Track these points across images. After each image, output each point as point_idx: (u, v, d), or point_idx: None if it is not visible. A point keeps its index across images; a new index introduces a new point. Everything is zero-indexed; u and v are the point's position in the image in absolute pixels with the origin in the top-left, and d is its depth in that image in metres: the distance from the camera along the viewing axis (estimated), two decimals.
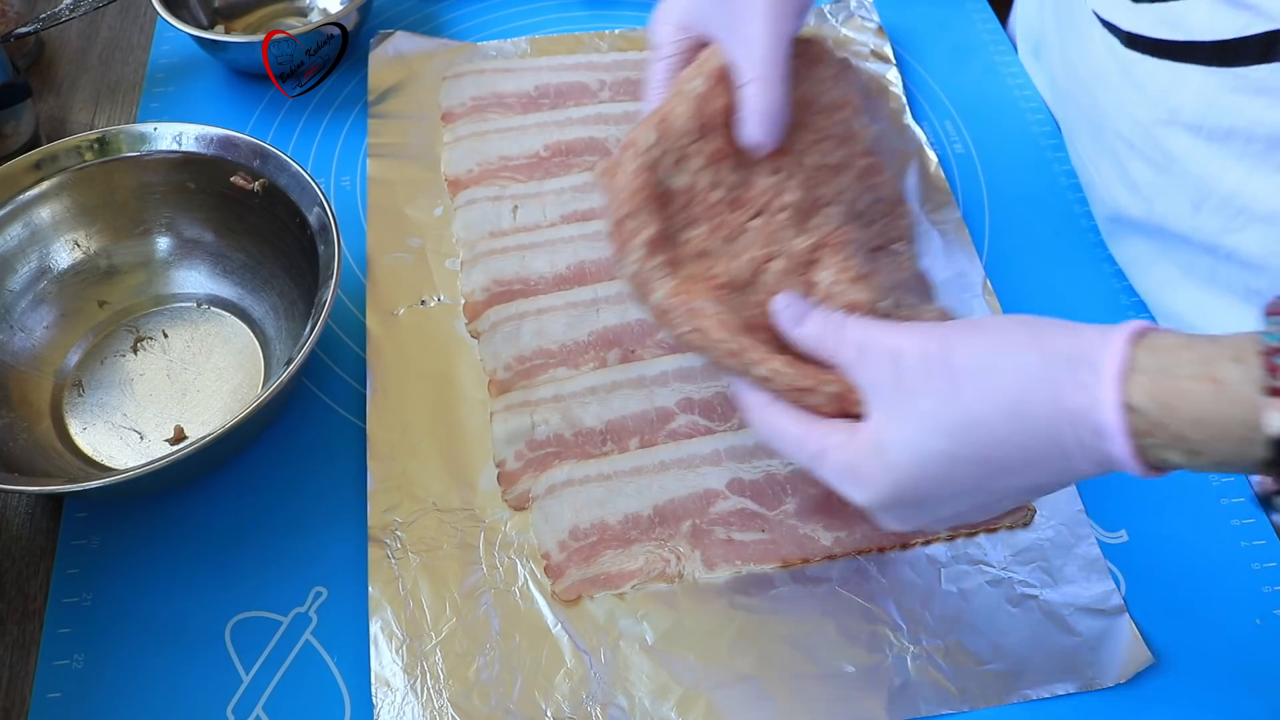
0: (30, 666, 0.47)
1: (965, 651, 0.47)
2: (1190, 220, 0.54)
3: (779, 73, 0.47)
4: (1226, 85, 0.50)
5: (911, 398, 0.38)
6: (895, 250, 0.50)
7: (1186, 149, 0.53)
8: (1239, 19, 0.49)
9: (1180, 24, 0.52)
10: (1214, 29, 0.50)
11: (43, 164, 0.56)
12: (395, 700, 0.45)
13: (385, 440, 0.53)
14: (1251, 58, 0.48)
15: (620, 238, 0.45)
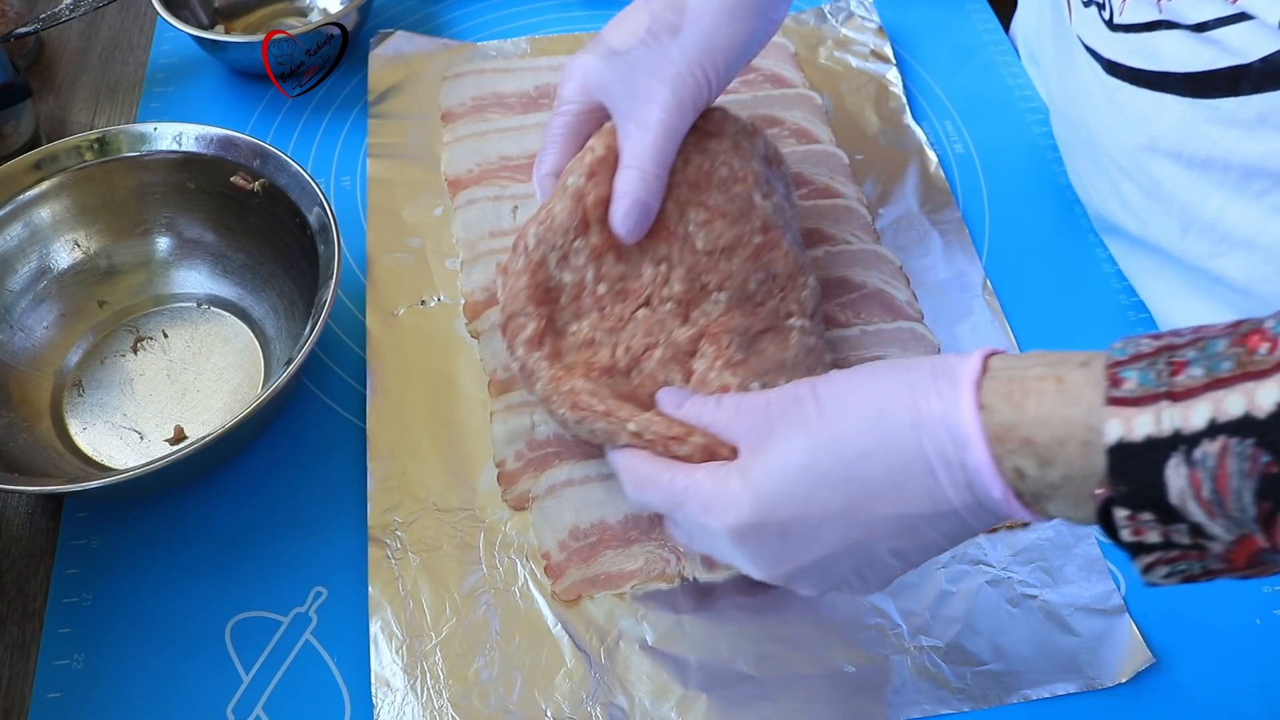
0: (30, 666, 0.47)
1: (965, 651, 0.47)
2: (1180, 243, 0.54)
3: (657, 169, 0.48)
4: (1201, 116, 0.50)
5: (778, 430, 0.39)
6: (787, 327, 0.51)
7: (1169, 175, 0.53)
8: (1207, 53, 0.49)
9: (1154, 55, 0.52)
10: (1184, 61, 0.50)
11: (43, 164, 0.56)
12: (395, 700, 0.45)
13: (385, 440, 0.53)
14: (1221, 90, 0.49)
15: (508, 334, 0.48)
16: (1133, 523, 0.33)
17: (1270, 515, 0.30)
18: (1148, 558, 0.34)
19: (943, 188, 0.65)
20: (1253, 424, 0.30)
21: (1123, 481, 0.32)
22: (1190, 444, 0.31)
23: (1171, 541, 0.33)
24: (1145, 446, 0.32)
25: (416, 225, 0.62)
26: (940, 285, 0.60)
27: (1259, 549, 0.32)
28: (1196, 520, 0.32)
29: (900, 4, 0.76)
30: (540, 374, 0.47)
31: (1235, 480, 0.30)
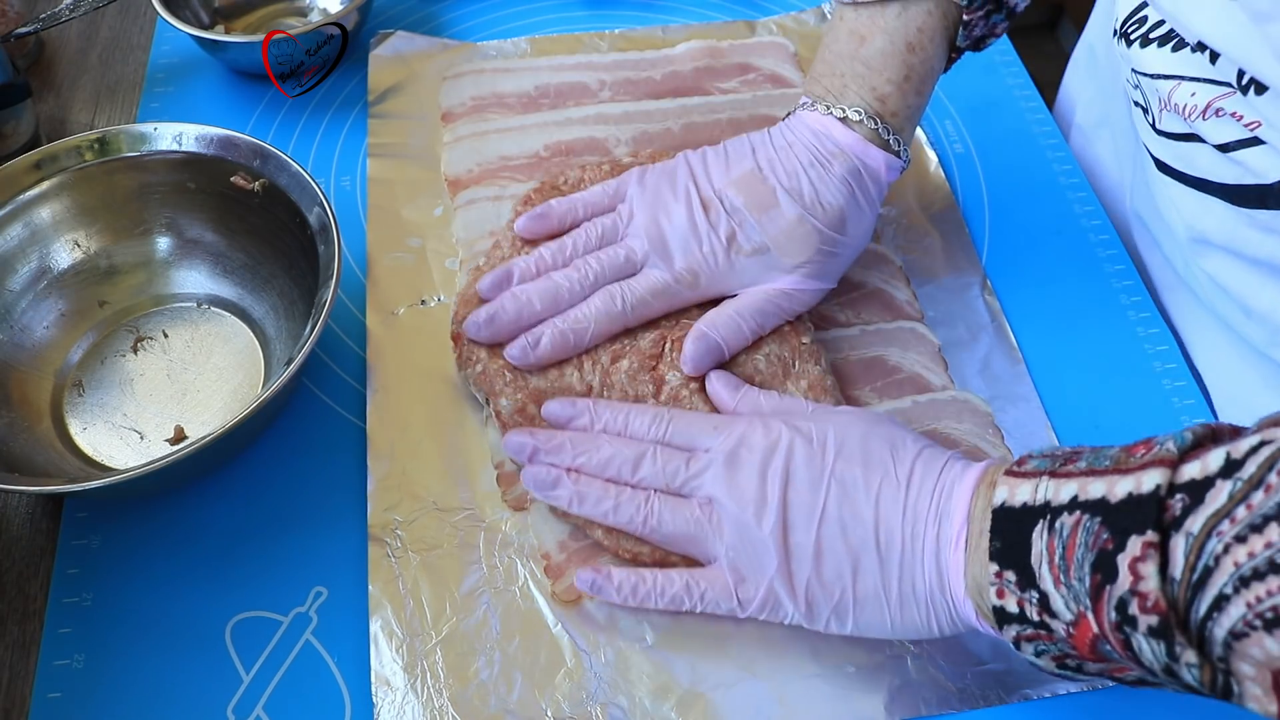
0: (30, 666, 0.47)
1: (965, 651, 0.47)
2: (1244, 325, 0.55)
3: (728, 344, 0.52)
4: (1243, 221, 0.51)
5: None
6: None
7: (1223, 268, 0.54)
8: (1233, 169, 0.50)
9: (1192, 162, 0.53)
10: (1217, 173, 0.51)
11: (43, 164, 0.56)
12: (395, 700, 0.45)
13: (385, 440, 0.53)
14: (1254, 202, 0.50)
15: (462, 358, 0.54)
16: (999, 580, 0.37)
17: (1098, 588, 0.34)
18: (1011, 630, 0.38)
19: (943, 188, 0.65)
20: (1105, 506, 0.34)
21: (999, 537, 0.38)
22: (1055, 515, 0.36)
23: (1025, 615, 0.37)
24: (1020, 510, 0.37)
25: (416, 225, 0.62)
26: (940, 285, 0.60)
27: (1094, 635, 0.35)
28: (1045, 589, 0.36)
29: None
30: (502, 393, 0.52)
31: (1080, 550, 0.34)
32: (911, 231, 0.63)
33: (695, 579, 0.45)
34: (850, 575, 0.42)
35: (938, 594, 0.41)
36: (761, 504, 0.44)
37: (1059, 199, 0.65)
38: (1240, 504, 0.31)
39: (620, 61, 0.71)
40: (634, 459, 0.47)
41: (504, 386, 0.51)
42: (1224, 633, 0.31)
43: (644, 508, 0.46)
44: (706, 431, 0.47)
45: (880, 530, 0.42)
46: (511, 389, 0.51)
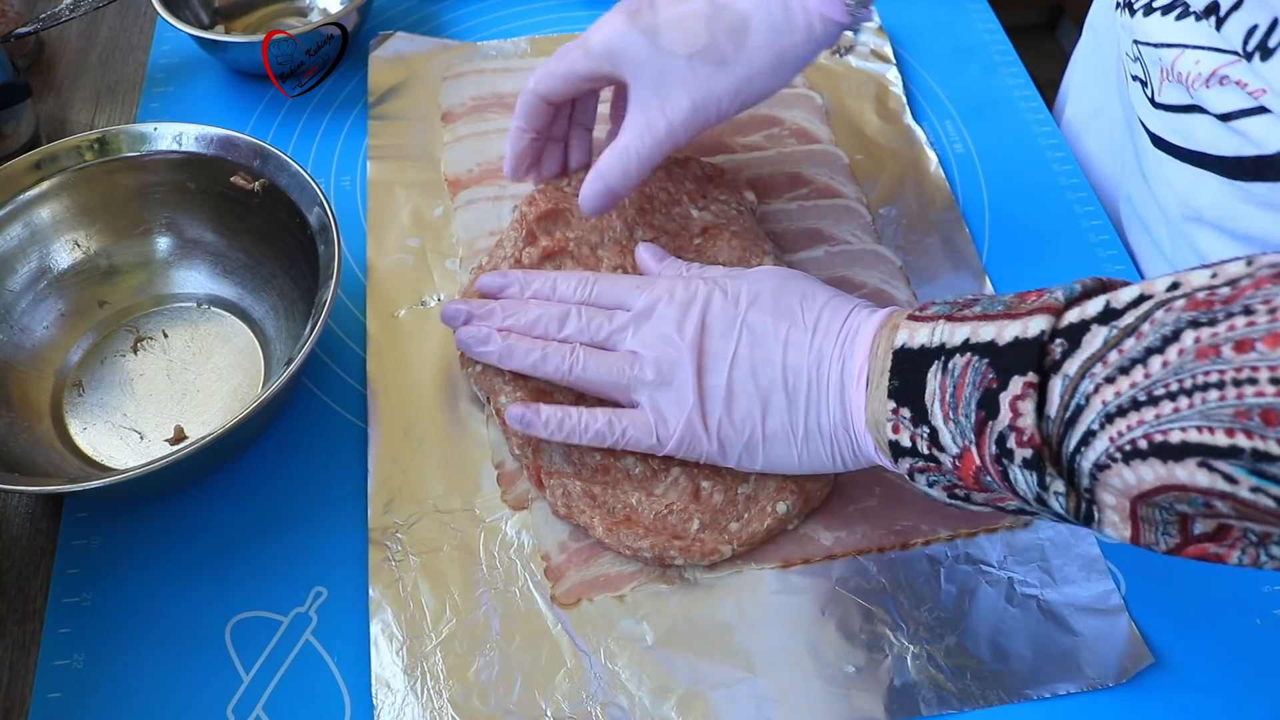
0: (30, 666, 0.47)
1: (965, 651, 0.47)
2: None
3: (639, 172, 0.52)
4: (1238, 195, 0.52)
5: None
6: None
7: (1214, 246, 0.54)
8: (1234, 140, 0.50)
9: (1191, 135, 0.53)
10: (1216, 145, 0.52)
11: (43, 164, 0.56)
12: (395, 701, 0.45)
13: (385, 440, 0.53)
14: (1251, 175, 0.50)
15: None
16: (895, 417, 0.40)
17: (982, 424, 0.37)
18: (905, 462, 0.41)
19: (943, 188, 0.65)
20: (993, 348, 0.37)
21: (897, 376, 0.40)
22: (948, 356, 0.38)
23: (916, 449, 0.40)
24: (918, 352, 0.40)
25: (416, 225, 0.62)
26: (940, 285, 0.60)
27: (977, 467, 0.38)
28: (935, 424, 0.39)
29: (900, 4, 0.76)
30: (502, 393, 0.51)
31: (968, 389, 0.37)
32: (911, 231, 0.63)
33: (618, 417, 0.48)
34: (760, 414, 0.45)
35: (840, 430, 0.44)
36: (679, 351, 0.47)
37: (1059, 199, 0.65)
38: (1113, 349, 0.34)
39: None
40: (560, 317, 0.49)
41: (504, 385, 0.51)
42: (1090, 465, 0.34)
43: (569, 358, 0.48)
44: (629, 291, 0.50)
45: (788, 372, 0.45)
46: (511, 387, 0.51)
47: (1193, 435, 0.31)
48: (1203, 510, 0.33)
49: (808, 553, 0.49)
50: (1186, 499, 0.33)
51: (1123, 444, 0.33)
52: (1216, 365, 0.31)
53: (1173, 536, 0.35)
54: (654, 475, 0.50)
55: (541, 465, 0.50)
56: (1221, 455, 0.31)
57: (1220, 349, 0.31)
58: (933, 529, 0.50)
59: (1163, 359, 0.32)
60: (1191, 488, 0.32)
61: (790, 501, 0.49)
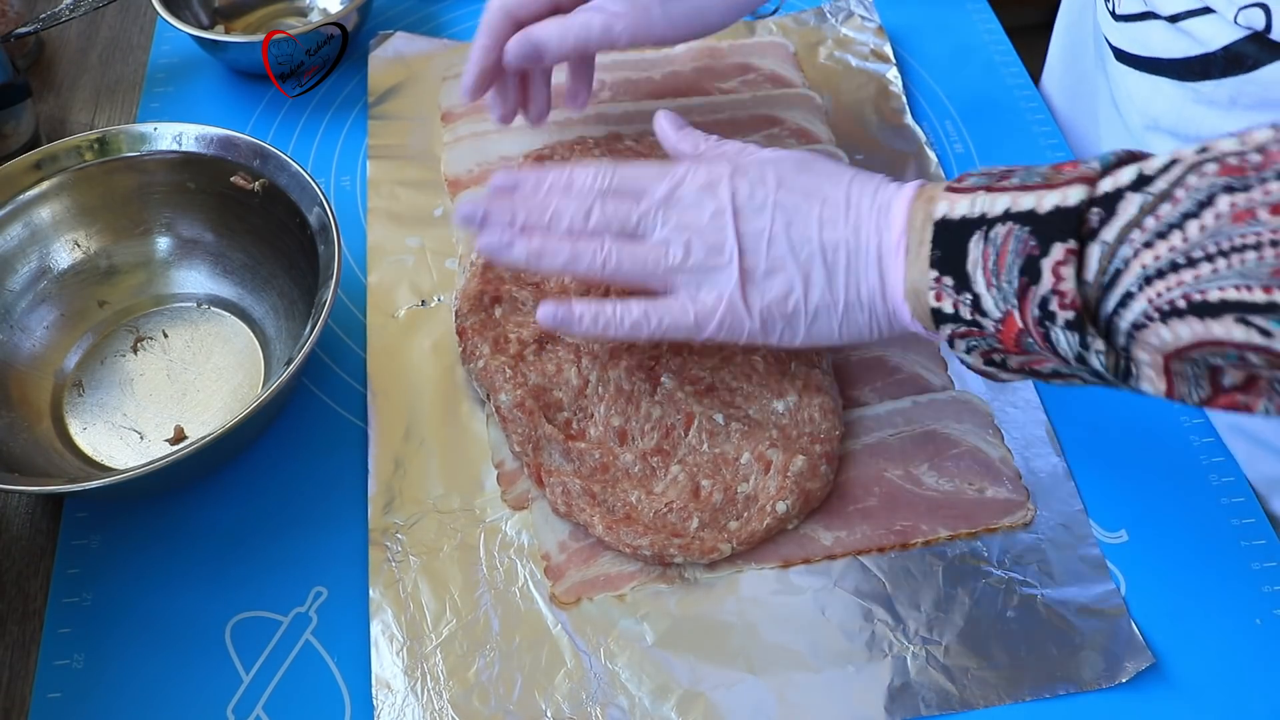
0: (30, 666, 0.47)
1: (965, 651, 0.47)
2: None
3: (582, 41, 0.54)
4: (1188, 98, 0.55)
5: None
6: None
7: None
8: (1182, 41, 0.53)
9: (1146, 42, 0.56)
10: (1167, 48, 0.55)
11: (43, 164, 0.56)
12: (396, 702, 0.45)
13: (385, 440, 0.53)
14: (1197, 74, 0.53)
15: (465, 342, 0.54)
16: (938, 285, 0.42)
17: (1025, 289, 0.39)
18: (947, 328, 0.43)
19: None
20: (1033, 217, 0.39)
21: (939, 246, 0.42)
22: (989, 225, 0.40)
23: (959, 315, 0.42)
24: (959, 222, 0.41)
25: (416, 225, 0.62)
26: None
27: (1019, 329, 0.40)
28: (978, 291, 0.40)
29: (900, 4, 0.76)
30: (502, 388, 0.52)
31: (1010, 257, 0.39)
32: None
33: (654, 306, 0.47)
34: (802, 289, 0.46)
35: (879, 299, 0.45)
36: (715, 233, 0.46)
37: None
38: (1149, 215, 0.36)
39: (620, 61, 0.71)
40: (584, 210, 0.47)
41: (504, 382, 0.51)
42: (1128, 325, 0.37)
43: (601, 252, 0.47)
44: (651, 177, 0.48)
45: (826, 247, 0.45)
46: (511, 385, 0.51)
47: (1230, 294, 0.34)
48: (1235, 363, 0.36)
49: (808, 553, 0.49)
50: (1221, 353, 0.35)
51: (1161, 304, 0.35)
52: (1253, 228, 0.33)
53: (1204, 389, 0.37)
54: (653, 473, 0.50)
55: (541, 463, 0.50)
56: (1258, 311, 0.33)
57: (1256, 212, 0.33)
58: (933, 529, 0.50)
59: (1199, 223, 0.34)
60: (1228, 343, 0.34)
61: (790, 501, 0.49)
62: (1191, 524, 0.51)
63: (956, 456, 0.53)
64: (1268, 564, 0.50)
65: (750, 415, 0.52)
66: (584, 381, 0.52)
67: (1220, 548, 0.51)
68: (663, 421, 0.51)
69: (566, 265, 0.47)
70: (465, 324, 0.54)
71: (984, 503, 0.51)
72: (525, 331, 0.54)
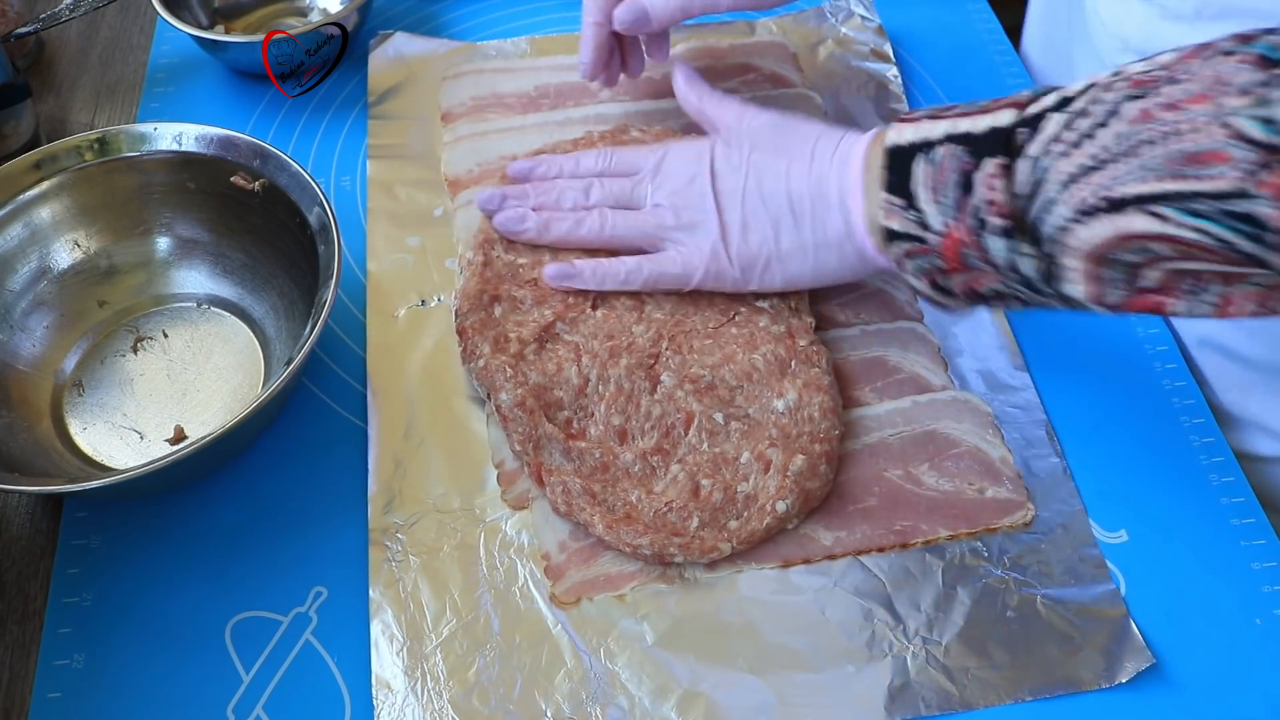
0: (30, 666, 0.47)
1: (965, 651, 0.47)
2: None
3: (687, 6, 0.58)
4: (1155, 14, 0.59)
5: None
6: (755, 308, 0.57)
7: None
8: None
9: None
10: None
11: (43, 164, 0.56)
12: (396, 702, 0.45)
13: (385, 440, 0.53)
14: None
15: (465, 340, 0.54)
16: (889, 206, 0.46)
17: (961, 201, 0.43)
18: (896, 247, 0.47)
19: None
20: (969, 137, 0.44)
21: (891, 171, 0.46)
22: (931, 147, 0.45)
23: (907, 232, 0.46)
24: (906, 148, 0.46)
25: (416, 225, 0.62)
26: None
27: (959, 240, 0.44)
28: (923, 208, 0.45)
29: (900, 4, 0.76)
30: (503, 387, 0.52)
31: (949, 174, 0.44)
32: None
33: (647, 259, 0.54)
34: (774, 237, 0.52)
35: (845, 238, 0.50)
36: (698, 194, 0.53)
37: None
38: (1067, 129, 0.40)
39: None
40: (585, 187, 0.56)
41: (504, 381, 0.51)
42: (1051, 230, 0.41)
43: (599, 219, 0.55)
44: (643, 155, 0.56)
45: (793, 198, 0.51)
46: (512, 384, 0.51)
47: (1134, 187, 0.38)
48: (1150, 257, 0.39)
49: (808, 553, 0.49)
50: (1133, 247, 0.39)
51: (1079, 205, 0.39)
52: (1151, 126, 0.38)
53: (1122, 290, 0.41)
54: (653, 473, 0.50)
55: (542, 462, 0.50)
56: (1159, 200, 0.37)
57: (1153, 113, 0.38)
58: (933, 529, 0.50)
59: (1110, 131, 0.39)
60: (1138, 235, 0.38)
61: (790, 501, 0.49)
62: (1191, 524, 0.52)
63: (956, 456, 0.53)
64: (1268, 564, 0.50)
65: (750, 414, 0.52)
66: (584, 380, 0.52)
67: (1220, 547, 0.51)
68: (662, 420, 0.51)
69: (570, 231, 0.55)
70: (465, 323, 0.54)
71: (984, 503, 0.51)
72: (525, 330, 0.54)
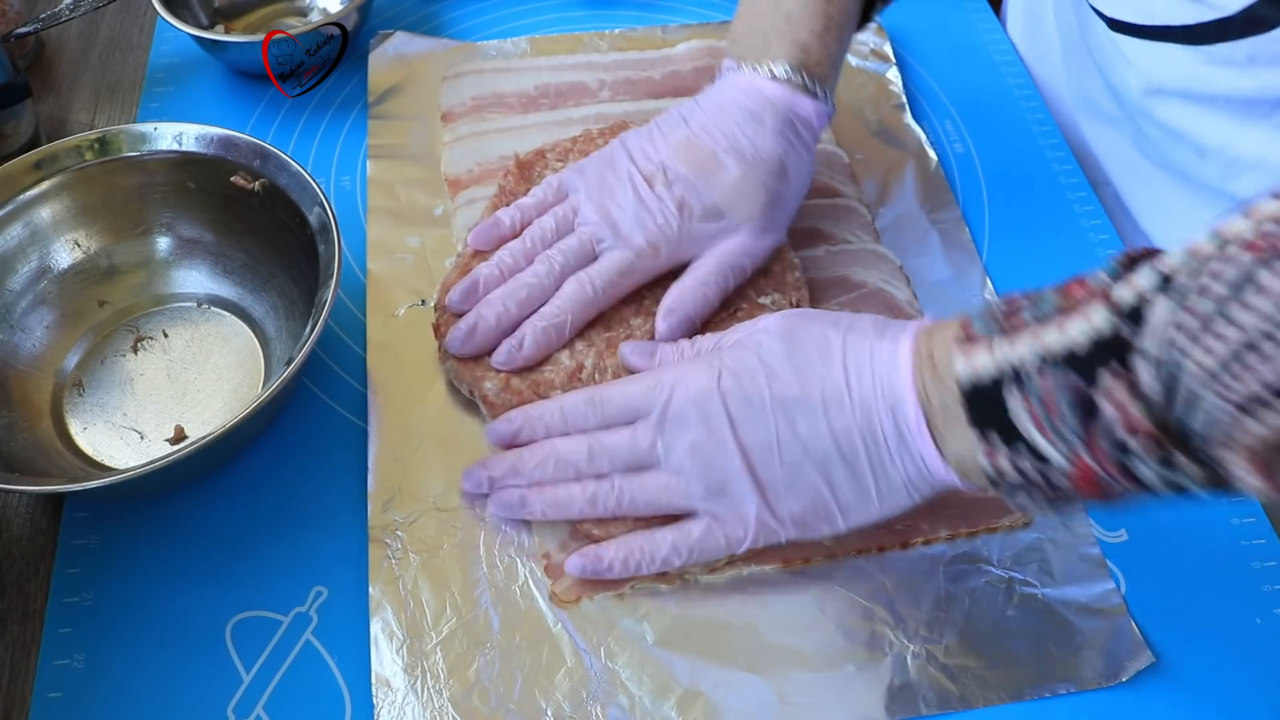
0: (30, 666, 0.47)
1: (965, 651, 0.47)
2: (1197, 168, 0.58)
3: (699, 314, 0.54)
4: (1200, 59, 0.55)
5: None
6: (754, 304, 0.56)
7: (1178, 113, 0.58)
8: (1193, 9, 0.54)
9: (1151, 12, 0.57)
10: (1177, 16, 0.55)
11: (43, 164, 0.56)
12: (396, 700, 0.45)
13: (385, 440, 0.53)
14: (1213, 38, 0.54)
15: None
16: (986, 443, 0.39)
17: (1086, 427, 0.36)
18: (1007, 485, 0.39)
19: (943, 187, 0.65)
20: (1065, 351, 0.36)
21: (974, 408, 0.39)
22: (1020, 371, 0.37)
23: (1019, 468, 0.38)
24: (985, 377, 0.38)
25: (416, 225, 0.62)
26: (940, 285, 0.60)
27: (1094, 472, 0.36)
28: (1033, 442, 0.37)
29: (900, 4, 0.76)
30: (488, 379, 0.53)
31: (1058, 399, 0.36)
32: (911, 231, 0.63)
33: (681, 536, 0.46)
34: (827, 489, 0.44)
35: (914, 476, 0.43)
36: (719, 452, 0.45)
37: (1059, 198, 0.65)
38: (1186, 312, 0.33)
39: (620, 61, 0.71)
40: (585, 455, 0.47)
41: (484, 372, 0.52)
42: (1202, 429, 0.33)
43: (613, 493, 0.47)
44: (639, 396, 0.47)
45: (839, 438, 0.43)
46: (493, 371, 0.52)
47: None
48: None
49: (808, 553, 0.49)
50: None
51: (1240, 400, 0.32)
52: None
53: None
54: None
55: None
56: None
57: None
58: (933, 529, 0.50)
59: (1243, 306, 0.32)
60: None
61: None
62: (1191, 523, 0.51)
63: None
64: (1268, 563, 0.50)
65: None
66: (578, 365, 0.52)
67: (1220, 547, 0.51)
68: None
69: (583, 512, 0.47)
70: (441, 319, 0.54)
71: (984, 502, 0.51)
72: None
